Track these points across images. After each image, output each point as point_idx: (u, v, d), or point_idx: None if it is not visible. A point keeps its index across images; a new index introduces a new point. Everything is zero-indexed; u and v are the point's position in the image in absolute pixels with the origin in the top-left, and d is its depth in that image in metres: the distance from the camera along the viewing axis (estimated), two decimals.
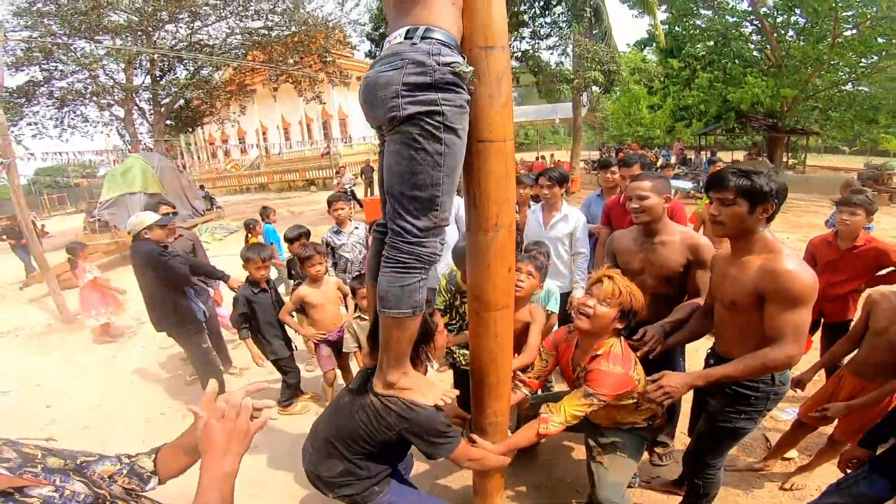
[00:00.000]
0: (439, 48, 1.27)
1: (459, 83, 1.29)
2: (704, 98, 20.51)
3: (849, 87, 19.18)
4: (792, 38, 18.86)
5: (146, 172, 11.91)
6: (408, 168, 1.31)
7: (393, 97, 1.27)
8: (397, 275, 1.39)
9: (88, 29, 14.09)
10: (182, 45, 15.71)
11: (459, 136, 1.33)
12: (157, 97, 15.94)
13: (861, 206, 2.95)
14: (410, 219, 1.36)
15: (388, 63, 1.29)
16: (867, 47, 16.38)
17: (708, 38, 20.15)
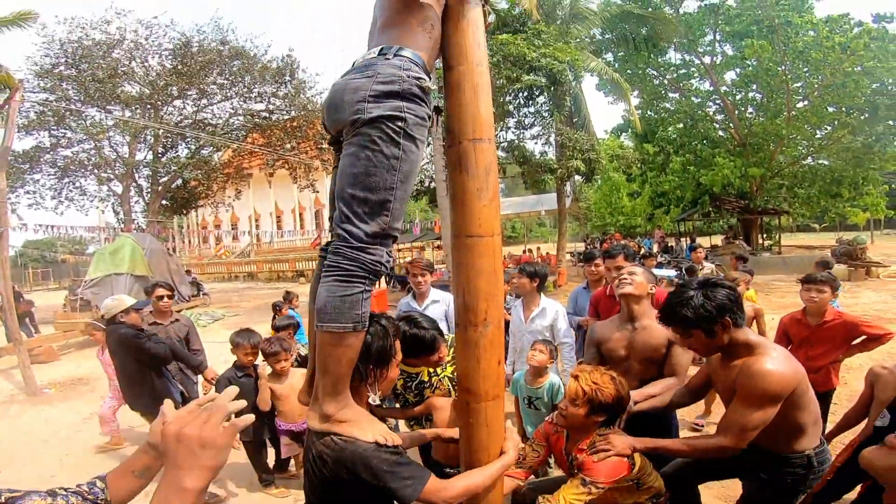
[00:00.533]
0: (410, 65, 1.33)
1: (424, 97, 1.34)
2: (680, 183, 21.68)
3: (809, 161, 20.47)
4: (752, 114, 20.46)
5: (136, 253, 12.00)
6: (363, 169, 1.29)
7: (360, 101, 1.29)
8: (338, 284, 1.29)
9: (102, 97, 15.00)
10: (187, 123, 16.62)
11: (417, 147, 1.35)
12: (156, 174, 16.48)
13: (826, 283, 3.10)
14: (358, 222, 1.30)
15: (360, 72, 1.34)
16: (819, 118, 17.71)
17: (678, 121, 21.77)
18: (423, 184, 17.32)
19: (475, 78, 1.50)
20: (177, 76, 15.39)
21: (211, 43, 16.07)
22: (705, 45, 20.97)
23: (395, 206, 1.33)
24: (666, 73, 21.73)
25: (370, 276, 1.32)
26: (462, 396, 1.59)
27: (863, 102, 16.76)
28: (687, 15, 20.38)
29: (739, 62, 19.24)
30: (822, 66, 16.38)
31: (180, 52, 15.73)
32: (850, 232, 24.48)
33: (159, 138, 16.28)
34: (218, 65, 15.96)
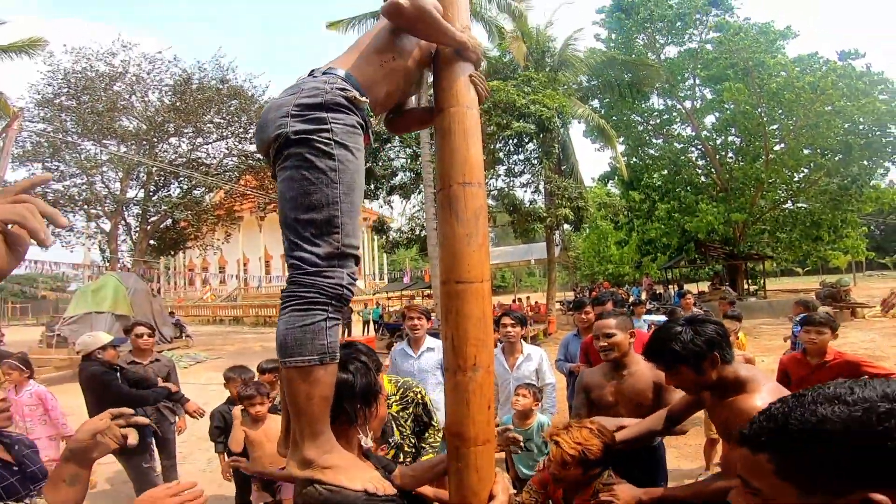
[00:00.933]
0: (336, 79, 1.32)
1: (351, 107, 1.31)
2: (665, 230, 22.00)
3: (789, 205, 20.87)
4: (732, 159, 21.00)
5: (118, 293, 12.02)
6: (301, 190, 1.23)
7: (283, 117, 1.27)
8: (297, 313, 1.19)
9: (99, 131, 15.07)
10: (181, 161, 16.64)
11: (353, 154, 1.30)
12: (146, 213, 16.38)
13: (826, 325, 3.12)
14: (308, 246, 1.22)
15: (287, 91, 1.34)
16: (796, 161, 18.16)
17: (662, 167, 22.22)
18: (414, 232, 17.44)
19: (466, 121, 1.52)
20: (175, 113, 15.58)
21: (211, 81, 16.31)
22: (686, 90, 21.77)
23: (344, 220, 1.26)
24: (649, 119, 22.42)
25: (332, 301, 1.22)
26: (452, 441, 1.55)
27: (836, 143, 17.21)
28: (668, 60, 21.27)
29: (718, 106, 19.86)
30: (796, 106, 16.92)
31: (180, 88, 15.93)
32: (832, 275, 24.94)
33: (152, 176, 16.25)
34: (216, 103, 16.16)
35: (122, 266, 16.24)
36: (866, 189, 18.14)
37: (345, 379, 1.30)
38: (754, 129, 18.35)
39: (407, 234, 17.78)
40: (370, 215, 31.07)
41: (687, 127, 22.25)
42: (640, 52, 21.01)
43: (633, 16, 20.63)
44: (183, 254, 26.19)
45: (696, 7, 20.05)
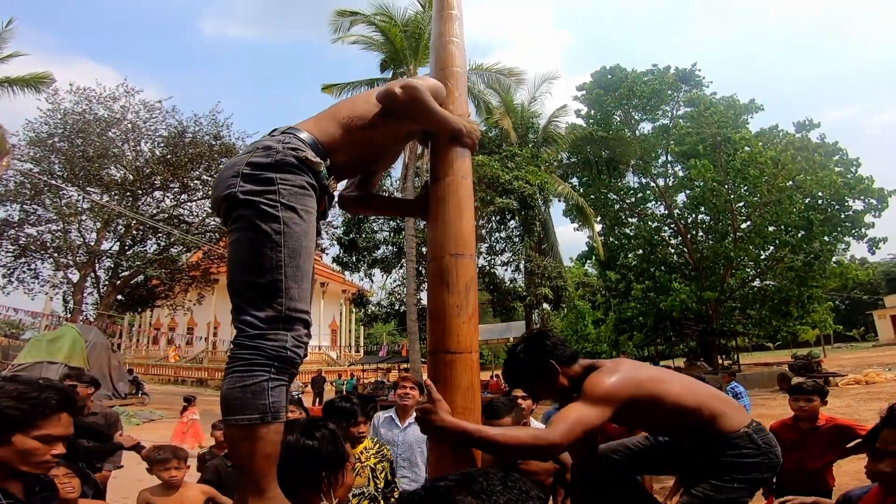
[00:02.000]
0: (291, 139, 1.33)
1: (302, 167, 1.31)
2: (641, 309, 22.29)
3: (757, 283, 21.41)
4: (702, 237, 21.68)
5: (76, 344, 11.82)
6: (247, 253, 1.24)
7: (234, 177, 1.27)
8: (238, 374, 1.17)
9: (86, 176, 14.71)
10: (162, 217, 16.27)
11: (300, 216, 1.28)
12: (118, 267, 15.82)
13: (815, 392, 3.19)
14: (252, 310, 1.21)
15: (244, 151, 1.37)
16: (762, 238, 18.77)
17: (637, 247, 22.74)
18: (394, 307, 17.31)
19: (460, 191, 1.57)
20: (164, 165, 15.38)
21: (205, 136, 16.21)
22: (658, 167, 22.74)
23: (289, 284, 1.24)
24: (625, 198, 23.23)
25: (274, 362, 1.20)
26: None
27: (798, 219, 17.93)
28: (643, 136, 22.37)
29: (688, 184, 20.63)
30: (759, 182, 17.70)
31: (174, 140, 15.79)
32: (802, 348, 25.38)
33: (130, 229, 15.90)
34: (206, 159, 15.98)
35: (84, 318, 15.48)
36: (829, 265, 18.72)
37: (309, 446, 1.27)
38: (722, 206, 19.08)
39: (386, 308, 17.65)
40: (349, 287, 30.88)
41: (660, 205, 23.04)
42: (617, 128, 22.03)
43: (612, 92, 21.83)
44: (151, 312, 25.19)
45: (668, 83, 21.38)
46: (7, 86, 14.61)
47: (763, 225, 18.65)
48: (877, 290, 41.14)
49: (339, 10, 14.86)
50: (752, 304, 21.39)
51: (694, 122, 19.93)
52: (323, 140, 1.43)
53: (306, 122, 1.48)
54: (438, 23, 2.11)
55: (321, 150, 1.41)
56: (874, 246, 19.37)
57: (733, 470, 1.68)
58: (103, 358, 12.55)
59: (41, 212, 14.90)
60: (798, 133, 19.69)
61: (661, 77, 21.61)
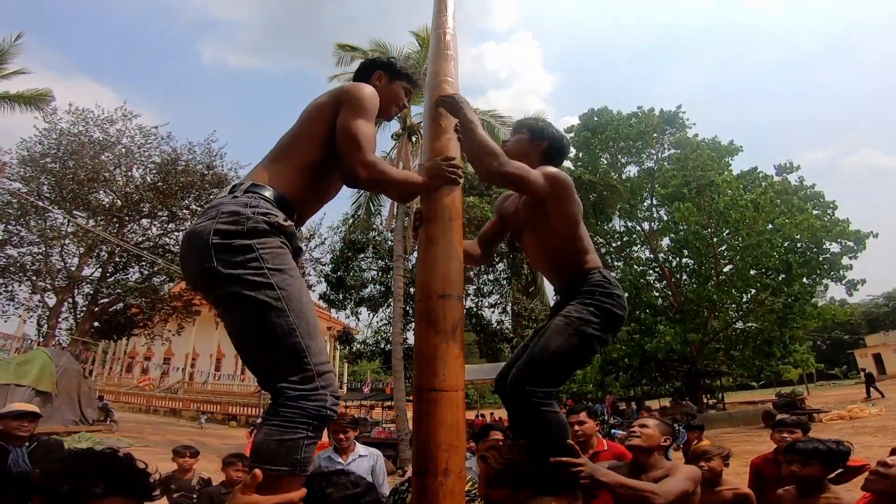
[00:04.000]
0: (258, 201, 1.30)
1: (275, 231, 1.30)
2: (627, 351, 22.23)
3: (740, 325, 21.60)
4: (686, 281, 21.83)
5: (45, 369, 11.64)
6: (255, 329, 1.22)
7: (205, 248, 1.23)
8: (277, 427, 1.20)
9: (74, 199, 14.49)
10: (147, 245, 16.01)
11: (290, 275, 1.28)
12: (98, 294, 15.46)
13: (797, 426, 3.28)
14: (283, 376, 1.22)
15: (205, 215, 1.30)
16: (744, 282, 18.93)
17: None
18: (379, 345, 17.16)
19: (449, 234, 1.63)
20: (154, 193, 15.18)
21: (198, 165, 16.07)
22: (644, 211, 23.06)
23: (308, 343, 1.25)
24: (612, 241, 23.53)
25: (314, 421, 1.23)
26: None
27: (778, 262, 18.18)
28: (629, 180, 22.74)
29: (672, 227, 20.94)
30: (741, 225, 18.00)
31: (166, 167, 15.60)
32: (786, 387, 25.56)
33: (113, 256, 15.60)
34: (197, 189, 15.79)
35: (56, 343, 15.00)
36: (808, 307, 19.02)
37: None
38: (705, 250, 19.36)
39: (371, 346, 17.47)
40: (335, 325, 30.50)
41: (646, 249, 23.37)
42: (604, 172, 22.39)
43: (599, 135, 22.25)
44: (127, 339, 24.58)
45: (652, 125, 21.87)
46: (6, 101, 14.59)
47: (745, 268, 18.94)
48: (857, 329, 42.17)
49: (341, 45, 15.28)
50: (736, 345, 21.60)
51: (679, 165, 20.43)
52: (287, 192, 1.41)
53: (263, 171, 1.44)
54: (434, 62, 2.22)
55: (289, 207, 1.40)
56: (852, 288, 19.87)
57: (590, 296, 1.84)
58: (73, 383, 12.35)
59: (24, 233, 14.63)
60: (778, 176, 20.35)
61: (645, 120, 22.23)
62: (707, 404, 21.49)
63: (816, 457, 2.26)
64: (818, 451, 2.25)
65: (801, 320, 19.27)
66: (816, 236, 18.11)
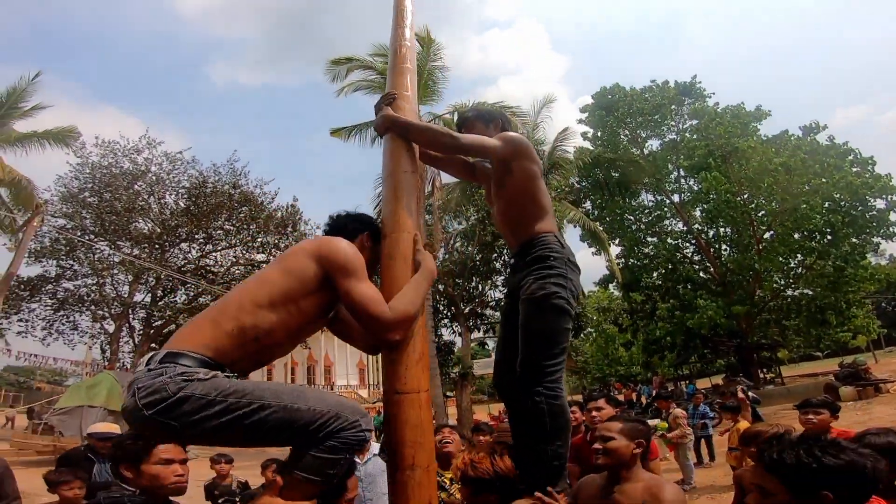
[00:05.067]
0: (175, 367, 1.30)
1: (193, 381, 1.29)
2: (669, 329, 21.51)
3: (790, 293, 20.52)
4: (725, 251, 20.98)
5: (113, 390, 12.24)
6: (258, 434, 1.32)
7: (141, 420, 1.28)
8: (322, 456, 1.34)
9: (115, 231, 15.14)
10: (189, 267, 16.70)
11: (233, 383, 1.33)
12: (151, 317, 16.36)
13: (824, 406, 3.19)
14: (316, 452, 1.34)
15: (129, 392, 1.31)
16: (787, 246, 18.02)
17: (659, 266, 22.14)
18: None
19: (401, 246, 1.74)
20: (188, 217, 15.68)
21: (224, 185, 16.46)
22: (672, 183, 22.29)
23: (313, 408, 1.34)
24: (641, 217, 22.84)
25: (356, 446, 1.42)
26: None
27: (821, 224, 17.25)
28: (652, 154, 22.06)
29: (703, 197, 20.07)
30: (774, 190, 17.22)
31: (195, 191, 16.04)
32: (851, 355, 24.22)
33: (161, 281, 16.36)
34: (227, 209, 16.23)
35: (121, 366, 16.01)
36: (860, 269, 17.86)
37: None
38: (740, 217, 18.64)
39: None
40: None
41: (678, 221, 22.60)
42: (624, 149, 21.80)
43: (614, 112, 21.73)
44: None
45: (669, 98, 21.25)
46: (36, 140, 15.38)
47: (786, 233, 18.06)
48: None
49: (334, 60, 15.19)
50: (787, 314, 20.54)
51: (701, 135, 19.72)
52: (209, 351, 1.38)
53: (182, 338, 1.41)
54: (392, 76, 2.30)
55: (211, 362, 1.38)
56: None
57: (545, 261, 1.91)
58: None
59: (76, 266, 15.42)
60: (806, 136, 19.28)
61: (661, 93, 21.59)
62: (764, 379, 20.69)
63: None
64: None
65: (856, 283, 18.05)
66: (858, 194, 17.01)
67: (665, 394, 12.61)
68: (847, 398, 13.64)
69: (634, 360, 30.14)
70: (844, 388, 14.09)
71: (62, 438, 11.14)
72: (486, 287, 16.06)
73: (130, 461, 1.73)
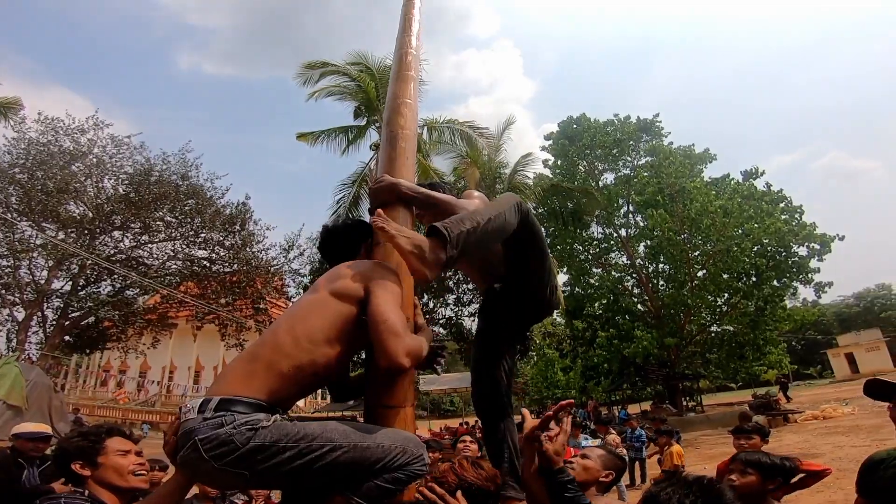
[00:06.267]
0: (233, 416, 1.25)
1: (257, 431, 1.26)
2: (607, 356, 22.51)
3: (715, 328, 22.08)
4: (662, 286, 22.27)
5: (17, 383, 11.11)
6: (319, 478, 1.30)
7: (223, 477, 1.28)
8: (386, 486, 1.35)
9: (43, 211, 13.93)
10: (119, 258, 15.50)
11: (302, 425, 1.31)
12: (68, 308, 14.95)
13: (755, 432, 3.41)
14: (381, 482, 1.34)
15: (187, 444, 1.24)
16: (716, 285, 19.42)
17: (602, 297, 23.16)
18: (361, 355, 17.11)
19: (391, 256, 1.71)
20: (126, 204, 14.69)
21: (172, 175, 15.57)
22: (621, 218, 23.44)
23: (373, 442, 1.34)
24: (590, 248, 23.85)
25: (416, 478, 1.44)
26: None
27: (748, 266, 18.65)
28: (606, 187, 23.09)
29: (648, 234, 21.32)
30: (712, 231, 18.47)
31: (138, 178, 15.11)
32: (763, 388, 26.12)
33: (84, 269, 15.07)
34: (171, 200, 15.29)
35: (26, 358, 14.52)
36: (779, 310, 19.51)
37: None
38: (679, 255, 19.81)
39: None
40: None
41: (623, 255, 23.75)
42: (582, 179, 22.79)
43: (576, 142, 22.66)
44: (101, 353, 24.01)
45: (629, 133, 22.37)
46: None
47: (717, 273, 19.37)
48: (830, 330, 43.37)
49: (308, 63, 14.95)
50: (711, 348, 22.11)
51: (653, 172, 20.90)
52: (261, 395, 1.33)
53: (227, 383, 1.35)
54: (395, 83, 2.26)
55: (262, 405, 1.32)
56: (820, 290, 20.57)
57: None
58: (44, 397, 11.79)
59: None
60: (745, 181, 20.91)
61: (622, 127, 22.73)
62: (686, 406, 21.91)
63: (755, 468, 2.24)
64: (759, 463, 2.24)
65: (773, 322, 19.79)
66: (784, 240, 18.66)
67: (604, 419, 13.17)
68: None
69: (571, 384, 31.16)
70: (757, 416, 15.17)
71: None
72: (438, 305, 16.04)
73: (85, 458, 1.61)
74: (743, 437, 3.40)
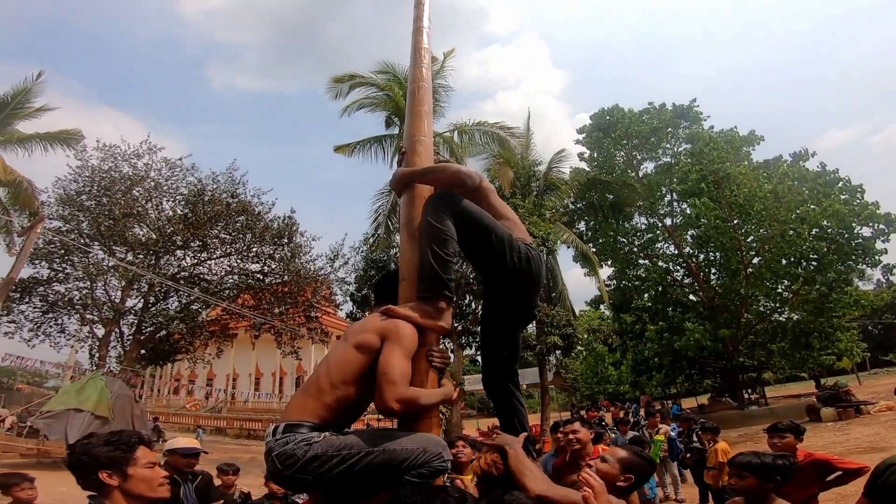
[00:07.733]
0: (295, 435, 1.65)
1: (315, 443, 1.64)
2: (657, 350, 21.74)
3: (776, 317, 20.85)
4: (714, 275, 21.24)
5: (103, 395, 12.12)
6: (361, 479, 1.62)
7: (298, 483, 1.69)
8: (412, 481, 1.62)
9: (112, 236, 14.94)
10: (183, 275, 16.49)
11: (337, 438, 1.66)
12: (141, 324, 16.10)
13: (788, 430, 3.38)
14: (408, 478, 1.62)
15: (268, 458, 1.66)
16: (774, 273, 18.38)
17: (650, 289, 22.40)
18: None
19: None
20: (184, 225, 15.45)
21: (222, 194, 16.23)
22: (664, 207, 22.58)
23: (397, 447, 1.64)
24: (634, 240, 23.08)
25: (440, 474, 1.74)
26: None
27: (808, 251, 17.59)
28: (646, 177, 22.34)
29: (694, 222, 20.41)
30: (763, 216, 17.51)
31: (193, 199, 15.82)
32: (838, 376, 24.46)
33: (153, 288, 16.12)
34: (224, 218, 15.98)
35: (108, 371, 15.79)
36: (844, 295, 18.24)
37: None
38: (729, 243, 18.92)
39: None
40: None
41: (670, 245, 22.88)
42: (620, 170, 22.09)
43: (611, 134, 22.01)
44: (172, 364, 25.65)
45: (665, 121, 21.53)
46: (38, 141, 15.22)
47: (773, 259, 18.39)
48: None
49: (336, 77, 15.33)
50: (773, 337, 20.91)
51: (695, 159, 20.07)
52: (315, 418, 1.73)
53: (291, 411, 1.77)
54: (410, 120, 2.34)
55: (317, 425, 1.72)
56: (889, 272, 19.12)
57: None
58: (127, 407, 12.97)
59: (69, 270, 15.14)
60: (794, 164, 19.75)
61: (658, 115, 21.94)
62: (748, 400, 20.98)
63: (749, 470, 2.29)
64: (751, 465, 2.29)
65: (840, 308, 18.50)
66: (845, 221, 17.40)
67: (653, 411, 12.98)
68: (827, 419, 14.01)
69: (623, 379, 30.39)
70: (825, 409, 14.47)
71: (47, 442, 10.92)
72: (478, 305, 16.16)
73: (116, 466, 1.55)
74: (776, 436, 3.36)
